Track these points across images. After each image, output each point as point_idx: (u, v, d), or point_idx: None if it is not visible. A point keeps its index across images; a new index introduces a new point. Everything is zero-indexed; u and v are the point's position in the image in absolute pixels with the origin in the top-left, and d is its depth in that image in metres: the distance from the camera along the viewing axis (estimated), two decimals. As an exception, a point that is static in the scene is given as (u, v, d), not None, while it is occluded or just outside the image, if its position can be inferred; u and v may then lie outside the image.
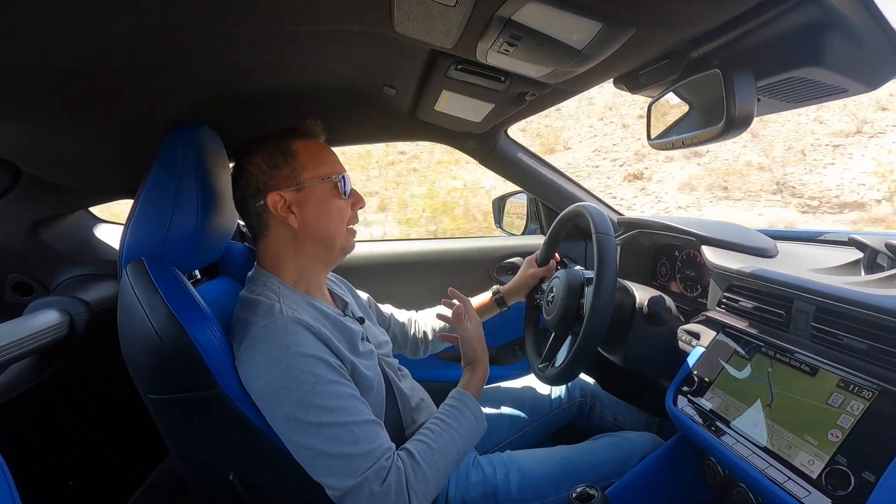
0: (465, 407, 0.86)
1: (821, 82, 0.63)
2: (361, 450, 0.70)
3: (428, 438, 0.78)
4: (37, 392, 1.09)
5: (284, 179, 0.83)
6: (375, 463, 0.70)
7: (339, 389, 0.73)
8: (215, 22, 0.64)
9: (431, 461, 0.75)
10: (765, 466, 0.66)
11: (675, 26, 0.61)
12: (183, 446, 0.80)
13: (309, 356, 0.72)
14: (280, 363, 0.71)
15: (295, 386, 0.70)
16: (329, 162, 0.88)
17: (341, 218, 0.88)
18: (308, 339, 0.74)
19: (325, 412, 0.70)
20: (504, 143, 1.42)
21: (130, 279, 0.73)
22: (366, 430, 0.72)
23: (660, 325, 0.99)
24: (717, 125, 0.65)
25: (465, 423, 0.84)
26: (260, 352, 0.72)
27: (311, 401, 0.70)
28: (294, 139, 0.86)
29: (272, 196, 0.82)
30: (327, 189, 0.86)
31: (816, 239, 1.04)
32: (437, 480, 0.76)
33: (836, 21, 0.53)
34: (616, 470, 0.94)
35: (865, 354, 0.66)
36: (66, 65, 0.64)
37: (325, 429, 0.70)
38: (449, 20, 0.64)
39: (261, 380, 0.72)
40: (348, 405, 0.73)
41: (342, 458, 0.70)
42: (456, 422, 0.83)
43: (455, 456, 0.80)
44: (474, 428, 0.86)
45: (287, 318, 0.74)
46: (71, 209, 1.30)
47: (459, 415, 0.84)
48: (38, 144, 0.89)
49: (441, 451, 0.78)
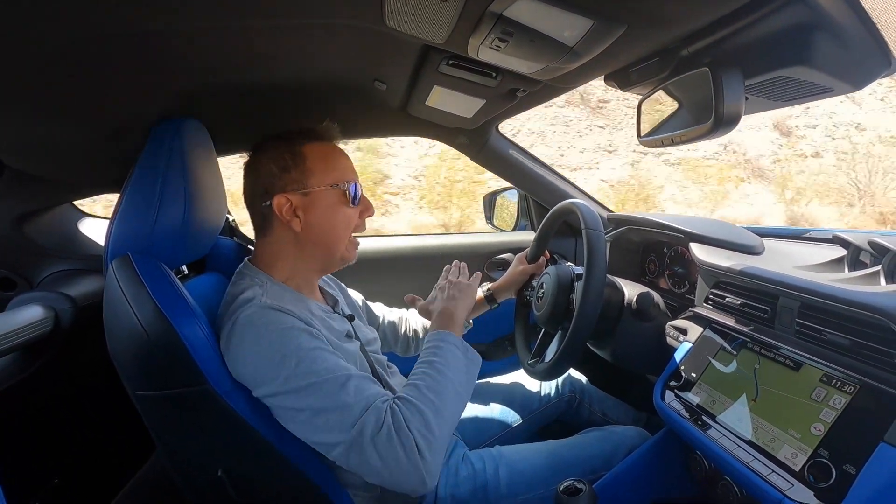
0: (440, 341, 0.83)
1: (807, 81, 0.64)
2: (353, 400, 0.69)
3: (412, 380, 0.77)
4: (20, 389, 1.07)
5: (292, 183, 0.82)
6: (370, 407, 0.69)
7: (324, 355, 0.73)
8: (203, 13, 0.63)
9: (424, 398, 0.72)
10: (749, 460, 0.67)
11: (666, 24, 0.62)
12: (171, 443, 0.79)
13: (290, 328, 0.73)
14: (262, 341, 0.71)
15: (280, 359, 0.70)
16: (339, 168, 0.86)
17: (346, 226, 0.87)
18: (286, 318, 0.74)
19: (313, 374, 0.70)
20: (495, 139, 1.42)
21: (116, 274, 0.72)
22: (355, 382, 0.72)
23: (648, 320, 1.00)
24: (705, 123, 0.65)
25: (449, 356, 0.81)
26: (242, 336, 0.72)
27: (298, 369, 0.70)
28: (306, 141, 0.85)
29: (278, 198, 0.82)
30: (335, 196, 0.85)
31: (802, 236, 1.06)
32: (440, 414, 0.72)
33: (823, 21, 0.54)
34: (604, 464, 0.95)
35: (848, 350, 0.67)
36: (49, 55, 0.62)
37: (313, 388, 0.69)
38: (441, 15, 0.64)
39: (247, 361, 0.72)
40: (334, 365, 0.72)
41: (336, 410, 0.68)
42: (435, 356, 0.80)
43: (451, 388, 0.77)
44: (459, 358, 0.82)
45: (263, 305, 0.74)
46: (56, 203, 1.28)
47: (437, 350, 0.81)
48: (21, 137, 0.87)
49: (429, 385, 0.75)
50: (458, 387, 0.78)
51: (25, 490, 1.17)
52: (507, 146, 1.46)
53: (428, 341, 0.85)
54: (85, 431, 1.30)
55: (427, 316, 0.98)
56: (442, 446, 0.71)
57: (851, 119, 9.33)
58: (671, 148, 1.44)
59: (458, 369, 0.80)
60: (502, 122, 1.37)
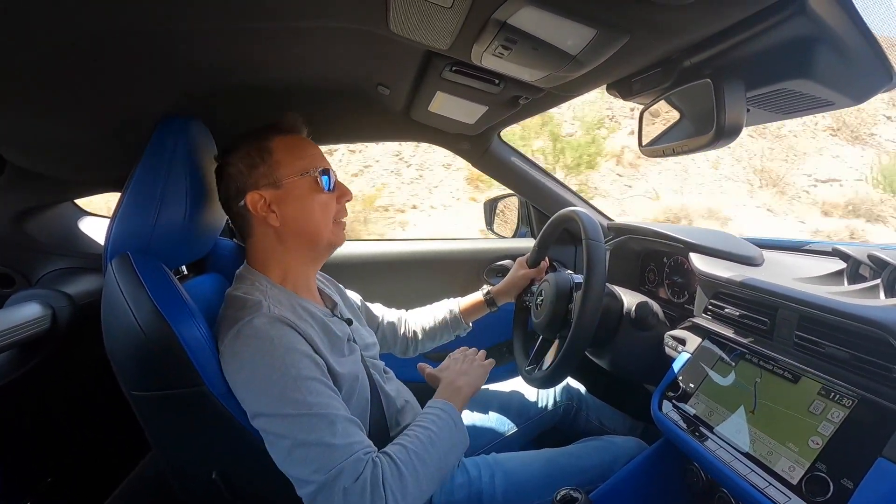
0: (440, 411, 0.84)
1: (809, 95, 0.64)
2: (338, 442, 0.68)
3: (402, 441, 0.77)
4: (16, 386, 1.07)
5: (262, 178, 0.82)
6: (351, 456, 0.68)
7: (320, 388, 0.72)
8: (209, 14, 0.63)
9: (409, 462, 0.72)
10: (746, 472, 0.67)
11: (669, 35, 0.62)
12: (165, 443, 0.79)
13: (293, 351, 0.72)
14: (264, 357, 0.71)
15: (277, 378, 0.70)
16: (307, 156, 0.85)
17: (325, 213, 0.86)
18: (292, 336, 0.74)
19: (305, 406, 0.69)
20: (497, 145, 1.43)
21: (115, 273, 0.72)
22: (344, 426, 0.71)
23: (646, 330, 1.00)
24: (706, 134, 0.66)
25: (444, 427, 0.81)
26: (244, 345, 0.72)
27: (292, 395, 0.69)
28: (271, 136, 0.85)
29: (251, 196, 0.81)
30: (307, 184, 0.84)
31: (802, 248, 1.06)
32: (418, 483, 0.72)
33: (826, 35, 0.54)
34: (600, 474, 0.95)
35: (846, 363, 0.67)
36: (53, 53, 0.63)
37: (303, 419, 0.69)
38: (445, 22, 0.64)
39: (243, 371, 0.71)
40: (328, 402, 0.72)
41: (318, 447, 0.68)
42: (433, 424, 0.81)
43: (436, 461, 0.77)
44: (453, 433, 0.82)
45: (272, 316, 0.74)
46: (56, 201, 1.28)
47: (437, 419, 0.82)
48: (24, 133, 0.87)
49: (418, 452, 0.75)
50: (442, 462, 0.78)
51: (18, 488, 1.16)
52: (508, 153, 1.46)
53: (430, 406, 0.86)
54: (80, 430, 1.30)
55: (433, 382, 0.98)
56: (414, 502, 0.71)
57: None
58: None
59: (449, 444, 0.81)
60: (504, 129, 1.38)
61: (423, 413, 0.84)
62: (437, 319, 1.18)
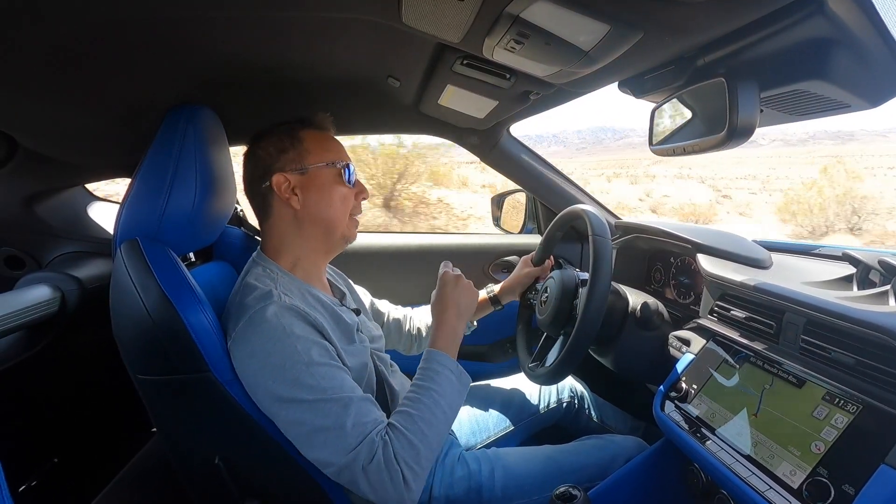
0: (437, 364, 0.84)
1: (824, 96, 0.63)
2: (354, 422, 0.71)
3: (407, 407, 0.78)
4: (24, 367, 1.08)
5: (290, 162, 0.85)
6: (366, 438, 0.71)
7: (332, 372, 0.74)
8: (222, 4, 0.63)
9: (415, 429, 0.74)
10: (747, 475, 0.67)
11: (683, 33, 0.61)
12: (170, 428, 0.80)
13: (304, 338, 0.73)
14: (276, 343, 0.72)
15: (290, 365, 0.71)
16: (334, 150, 0.90)
17: (344, 205, 0.89)
18: (302, 324, 0.75)
19: (319, 391, 0.71)
20: (506, 140, 1.42)
21: (124, 258, 0.73)
22: (357, 406, 0.73)
23: (651, 330, 0.99)
24: (718, 134, 0.65)
25: (444, 382, 0.82)
26: (255, 332, 0.73)
27: (306, 381, 0.71)
28: (303, 128, 0.89)
29: (277, 177, 0.84)
30: (331, 175, 0.87)
31: (811, 252, 1.05)
32: (428, 444, 0.75)
33: (843, 37, 0.53)
34: (600, 472, 0.95)
35: (852, 369, 0.67)
36: (66, 38, 0.63)
37: (318, 404, 0.71)
38: (457, 15, 0.64)
39: (255, 359, 0.72)
40: (341, 385, 0.73)
41: (335, 431, 0.70)
42: (432, 382, 0.81)
43: (441, 416, 0.78)
44: (454, 384, 0.83)
45: (282, 304, 0.75)
46: (67, 185, 1.30)
47: (435, 375, 0.82)
48: (35, 117, 0.88)
49: (423, 416, 0.76)
50: (448, 413, 0.80)
51: (25, 468, 1.18)
52: (518, 148, 1.45)
53: (424, 362, 0.85)
54: (86, 413, 1.32)
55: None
56: (426, 473, 0.75)
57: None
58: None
59: (451, 395, 0.82)
60: (514, 124, 1.37)
61: (422, 369, 0.84)
62: None
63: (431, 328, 0.95)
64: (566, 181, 1.52)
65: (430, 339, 0.90)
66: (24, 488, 1.16)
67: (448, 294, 0.95)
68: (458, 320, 0.93)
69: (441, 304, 0.95)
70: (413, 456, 0.72)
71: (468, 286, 0.98)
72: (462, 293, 0.96)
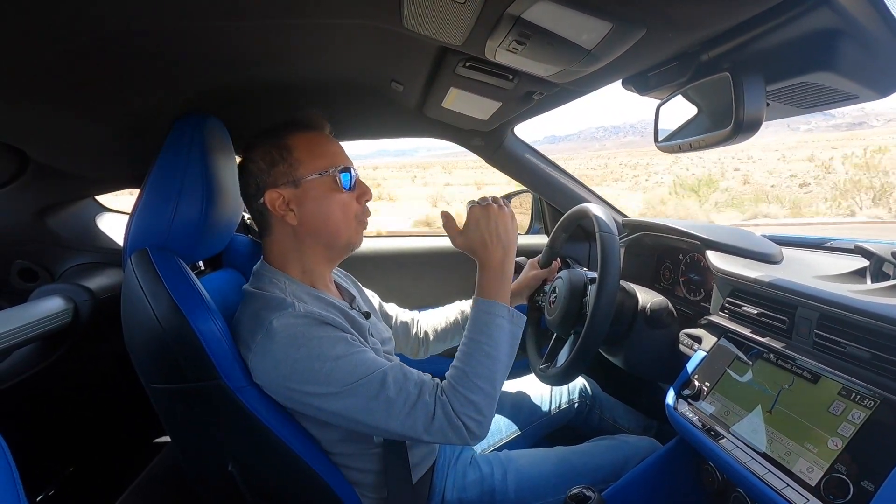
0: (486, 315, 0.81)
1: (831, 88, 0.62)
2: (396, 390, 0.73)
3: (460, 363, 0.79)
4: (40, 378, 1.10)
5: (281, 176, 0.81)
6: (417, 401, 0.74)
7: (360, 357, 0.75)
8: (226, 12, 0.64)
9: (470, 385, 0.76)
10: (763, 472, 0.66)
11: (686, 28, 0.61)
12: (182, 435, 0.80)
13: (325, 338, 0.74)
14: (299, 349, 0.72)
15: (318, 366, 0.71)
16: (328, 154, 0.84)
17: (345, 213, 0.85)
18: (321, 325, 0.75)
19: (355, 376, 0.72)
20: (511, 141, 1.42)
21: (134, 268, 0.73)
22: (394, 375, 0.74)
23: (661, 328, 0.99)
24: (725, 129, 0.64)
25: (495, 331, 0.80)
26: (276, 343, 0.72)
27: (337, 374, 0.72)
28: (291, 133, 0.84)
29: (270, 194, 0.81)
30: (326, 184, 0.83)
31: (822, 246, 1.04)
32: (486, 395, 0.76)
33: (850, 27, 0.52)
34: (613, 473, 0.94)
35: (868, 363, 0.66)
36: (74, 52, 0.64)
37: (360, 384, 0.72)
38: (458, 17, 0.64)
39: (281, 368, 0.72)
40: (372, 365, 0.74)
41: (382, 404, 0.72)
42: (482, 335, 0.80)
43: (497, 365, 0.79)
44: (505, 330, 0.81)
45: (299, 312, 0.74)
46: (77, 197, 1.31)
47: (485, 326, 0.80)
48: (46, 131, 0.89)
49: (476, 371, 0.77)
50: (504, 359, 0.81)
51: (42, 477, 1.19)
52: (522, 149, 1.45)
53: (474, 311, 0.83)
54: (101, 422, 1.33)
55: (453, 235, 0.89)
56: (492, 414, 0.77)
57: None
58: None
59: (504, 342, 0.81)
60: (518, 125, 1.37)
61: (473, 319, 0.82)
62: (449, 321, 1.17)
63: (477, 272, 0.86)
64: (572, 180, 1.52)
65: (477, 285, 0.85)
66: (41, 497, 1.17)
67: (483, 229, 0.85)
68: (504, 254, 0.85)
69: (479, 242, 0.85)
70: (473, 409, 0.75)
71: (499, 211, 0.86)
72: (497, 221, 0.85)
